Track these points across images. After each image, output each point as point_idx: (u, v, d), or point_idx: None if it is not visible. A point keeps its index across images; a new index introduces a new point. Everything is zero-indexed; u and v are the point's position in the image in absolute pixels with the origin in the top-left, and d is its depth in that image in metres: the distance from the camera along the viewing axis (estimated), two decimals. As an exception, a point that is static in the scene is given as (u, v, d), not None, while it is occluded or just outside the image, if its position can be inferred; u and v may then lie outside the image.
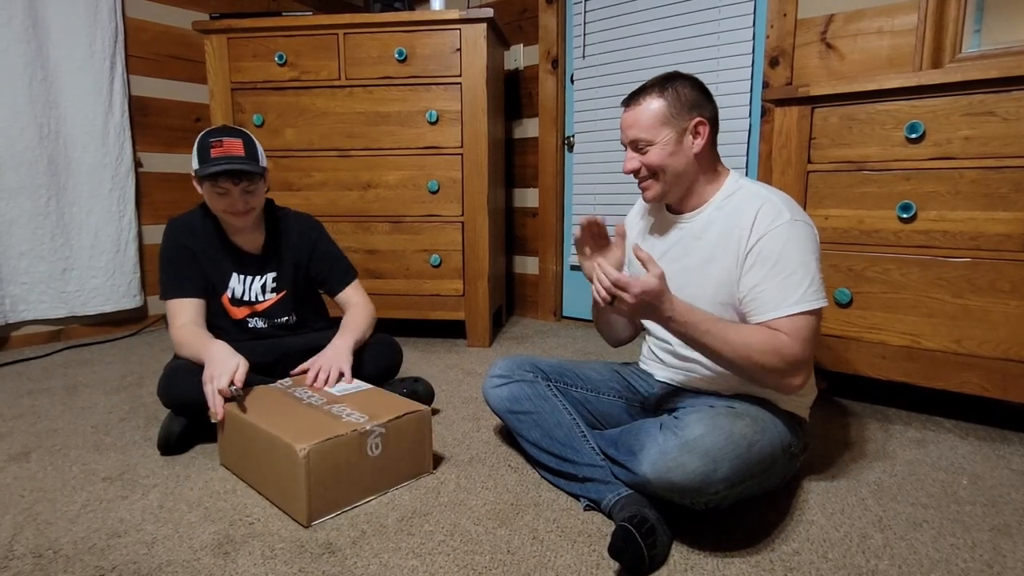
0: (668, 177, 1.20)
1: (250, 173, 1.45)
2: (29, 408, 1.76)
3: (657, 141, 1.18)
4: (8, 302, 2.35)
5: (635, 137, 1.19)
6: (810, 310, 1.08)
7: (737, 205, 1.18)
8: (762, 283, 1.11)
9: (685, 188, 1.23)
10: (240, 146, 1.45)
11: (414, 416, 1.28)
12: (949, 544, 1.07)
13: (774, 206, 1.13)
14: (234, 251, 1.58)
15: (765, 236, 1.11)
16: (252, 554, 1.04)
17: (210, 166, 1.41)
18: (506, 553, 1.05)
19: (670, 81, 1.19)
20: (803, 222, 1.13)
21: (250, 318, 1.61)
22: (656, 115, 1.17)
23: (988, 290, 1.48)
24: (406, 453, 1.28)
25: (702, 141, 1.18)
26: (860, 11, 1.99)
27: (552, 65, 2.80)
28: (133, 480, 1.31)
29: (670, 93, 1.17)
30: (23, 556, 1.04)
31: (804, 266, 1.10)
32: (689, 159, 1.19)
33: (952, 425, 1.62)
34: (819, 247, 1.15)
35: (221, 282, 1.58)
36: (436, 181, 2.37)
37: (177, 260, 1.53)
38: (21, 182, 2.32)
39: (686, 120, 1.17)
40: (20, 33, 2.26)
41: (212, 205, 1.50)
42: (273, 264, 1.62)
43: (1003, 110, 1.42)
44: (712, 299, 1.19)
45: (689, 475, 0.98)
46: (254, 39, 2.38)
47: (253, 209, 1.51)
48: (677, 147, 1.18)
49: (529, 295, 3.07)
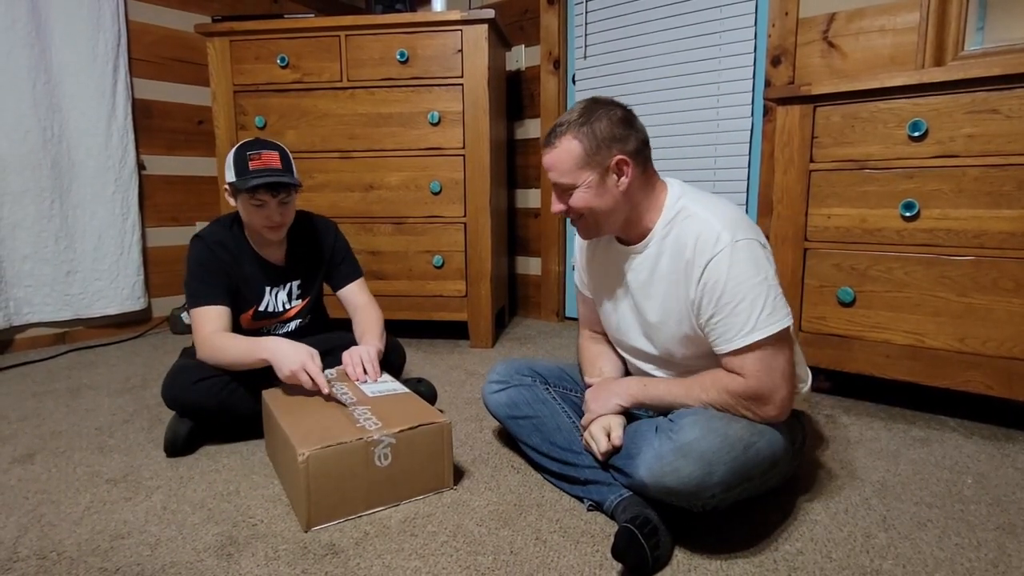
0: (598, 217, 1.14)
1: (288, 185, 1.46)
2: (33, 410, 1.76)
3: (579, 184, 1.11)
4: (13, 305, 2.36)
5: (556, 181, 1.13)
6: (759, 339, 1.03)
7: (678, 234, 1.12)
8: (714, 316, 1.07)
9: (621, 222, 1.16)
10: (277, 159, 1.46)
11: (431, 428, 1.22)
12: (954, 544, 1.07)
13: (712, 230, 1.07)
14: (263, 265, 1.58)
15: (707, 267, 1.06)
16: (255, 555, 1.05)
17: (250, 178, 1.41)
18: (509, 554, 1.04)
19: (586, 116, 1.10)
20: (745, 240, 1.06)
21: (267, 328, 1.62)
22: (574, 158, 1.10)
23: (992, 288, 1.47)
24: (420, 466, 1.22)
25: (627, 179, 1.11)
26: (862, 9, 1.98)
27: (554, 65, 2.80)
28: (137, 482, 1.32)
29: (586, 132, 1.09)
30: (27, 558, 1.04)
31: (751, 290, 1.04)
32: (616, 197, 1.12)
33: (956, 424, 1.61)
34: (772, 262, 1.09)
35: (254, 296, 1.56)
36: (438, 182, 2.37)
37: (209, 268, 1.49)
38: (25, 185, 2.33)
39: (606, 159, 1.10)
40: (24, 37, 2.28)
41: (248, 218, 1.49)
42: (296, 272, 1.63)
43: (1006, 108, 1.42)
44: (676, 334, 1.16)
45: (684, 479, 0.97)
46: (256, 41, 2.39)
47: (287, 223, 1.51)
48: (601, 188, 1.11)
49: (532, 296, 3.07)
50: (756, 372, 1.05)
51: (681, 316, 1.14)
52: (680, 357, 1.19)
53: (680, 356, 1.19)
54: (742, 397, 1.05)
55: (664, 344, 1.20)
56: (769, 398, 1.05)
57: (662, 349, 1.21)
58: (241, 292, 1.54)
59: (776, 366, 1.06)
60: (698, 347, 1.15)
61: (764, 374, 1.05)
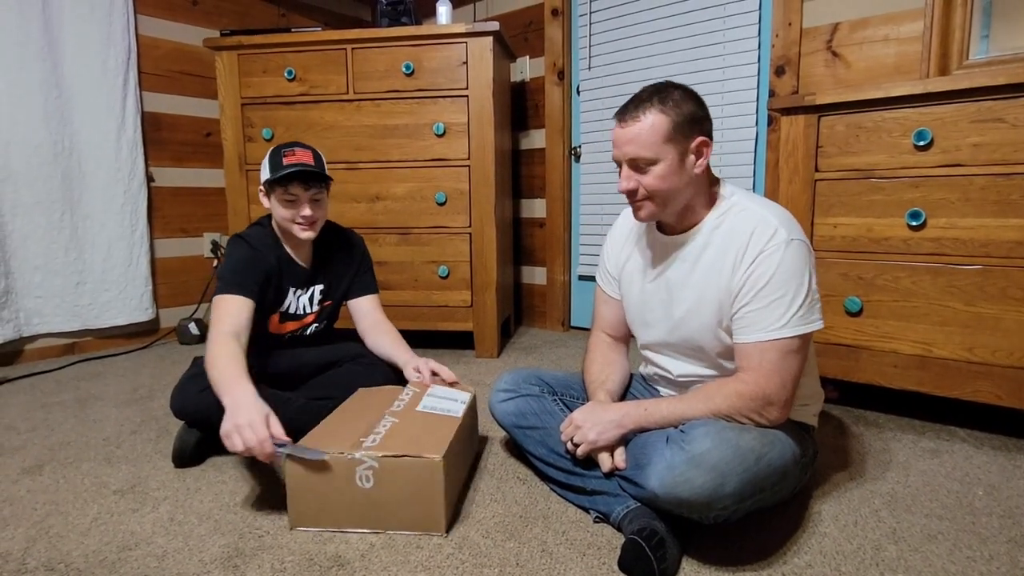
0: (667, 198, 1.12)
1: (319, 178, 1.49)
2: (42, 421, 1.77)
3: (660, 160, 1.09)
4: (22, 315, 2.38)
5: (634, 155, 1.10)
6: (787, 336, 1.05)
7: (732, 225, 1.13)
8: (748, 305, 1.08)
9: (681, 208, 1.15)
10: (311, 156, 1.50)
11: (415, 461, 1.10)
12: (965, 556, 1.06)
13: (769, 226, 1.08)
14: (292, 266, 1.59)
15: (759, 258, 1.07)
16: (261, 567, 1.04)
17: (283, 170, 1.45)
18: (515, 566, 1.04)
19: (667, 93, 1.09)
20: (799, 240, 1.08)
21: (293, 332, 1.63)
22: (659, 132, 1.08)
23: (1000, 297, 1.46)
24: (406, 499, 1.12)
25: (704, 161, 1.12)
26: (866, 19, 1.99)
27: (558, 76, 2.81)
28: (144, 493, 1.32)
29: (672, 108, 1.08)
30: (36, 569, 1.05)
31: (793, 289, 1.06)
32: (690, 180, 1.12)
33: (966, 434, 1.60)
34: (815, 265, 1.11)
35: (279, 297, 1.57)
36: (444, 193, 2.38)
37: (247, 263, 1.47)
38: (36, 197, 2.36)
39: (689, 139, 1.09)
40: (36, 52, 2.31)
41: (279, 215, 1.51)
42: (321, 276, 1.64)
43: (1012, 116, 1.41)
44: (710, 324, 1.15)
45: (697, 490, 0.97)
46: (264, 55, 2.41)
47: (317, 221, 1.53)
48: (679, 168, 1.10)
49: (537, 305, 3.07)
50: (770, 370, 1.06)
51: (713, 308, 1.14)
52: (708, 348, 1.19)
53: (709, 348, 1.18)
54: (751, 399, 1.06)
55: (687, 337, 1.20)
56: (776, 401, 1.06)
57: (686, 341, 1.21)
58: (272, 293, 1.55)
59: (789, 368, 1.07)
60: (721, 342, 1.16)
61: (776, 374, 1.06)
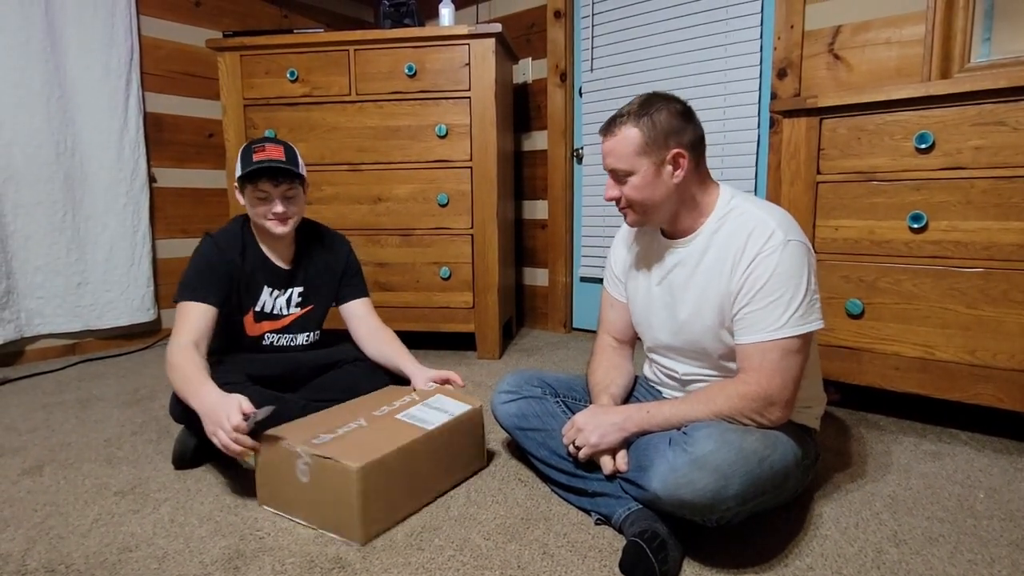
0: (646, 206, 1.17)
1: (289, 174, 1.48)
2: (43, 421, 1.77)
3: (636, 171, 1.14)
4: (24, 316, 2.38)
5: (613, 167, 1.17)
6: (787, 336, 1.07)
7: (731, 229, 1.15)
8: (748, 306, 1.10)
9: (670, 215, 1.19)
10: (281, 152, 1.49)
11: (336, 466, 1.10)
12: (966, 560, 1.05)
13: (766, 227, 1.10)
14: (268, 265, 1.58)
15: (756, 259, 1.09)
16: (262, 569, 1.04)
17: (252, 167, 1.45)
18: (516, 568, 1.04)
19: (647, 108, 1.14)
20: (797, 241, 1.09)
21: (269, 334, 1.60)
22: (632, 146, 1.13)
23: (1002, 300, 1.46)
24: (332, 500, 1.12)
25: (682, 172, 1.14)
26: (868, 22, 1.99)
27: (560, 78, 2.82)
28: (145, 494, 1.32)
29: (646, 122, 1.12)
30: (36, 571, 1.05)
31: (791, 290, 1.07)
32: (669, 189, 1.15)
33: (968, 437, 1.60)
34: (815, 266, 1.12)
35: (250, 296, 1.56)
36: (446, 194, 2.38)
37: (209, 267, 1.48)
38: (38, 198, 2.36)
39: (664, 151, 1.13)
40: (39, 53, 2.31)
41: (252, 212, 1.51)
42: (300, 279, 1.63)
43: (1014, 120, 1.41)
44: (713, 327, 1.17)
45: (699, 492, 0.97)
46: (266, 56, 2.42)
47: (292, 217, 1.52)
48: (656, 178, 1.14)
49: (539, 307, 3.07)
50: (771, 371, 1.07)
51: (715, 310, 1.15)
52: (712, 350, 1.20)
53: (712, 350, 1.20)
54: (752, 400, 1.06)
55: (691, 340, 1.21)
56: (778, 401, 1.07)
57: (691, 344, 1.22)
58: (241, 292, 1.54)
59: (790, 368, 1.08)
60: (724, 344, 1.17)
61: (778, 374, 1.07)
